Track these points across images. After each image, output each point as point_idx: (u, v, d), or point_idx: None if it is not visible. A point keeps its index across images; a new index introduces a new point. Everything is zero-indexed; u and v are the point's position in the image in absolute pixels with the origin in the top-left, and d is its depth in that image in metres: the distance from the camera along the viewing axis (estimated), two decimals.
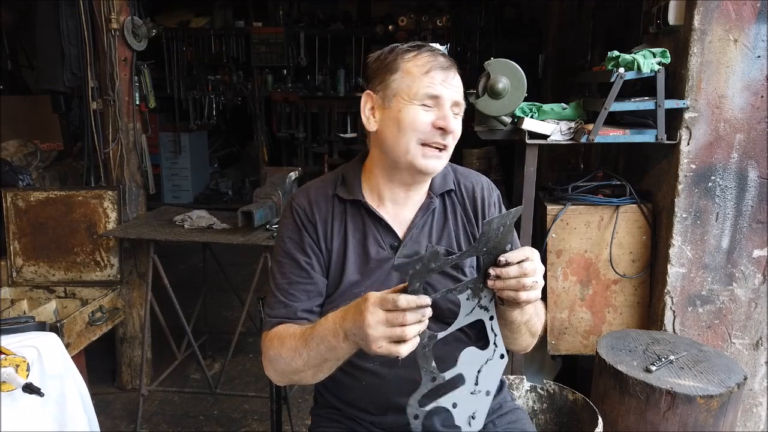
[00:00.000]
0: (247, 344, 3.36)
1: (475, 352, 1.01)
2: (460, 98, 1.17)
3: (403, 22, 6.17)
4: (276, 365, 1.13)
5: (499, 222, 0.95)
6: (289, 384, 1.23)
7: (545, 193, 2.36)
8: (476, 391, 1.00)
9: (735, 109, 2.03)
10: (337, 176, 1.27)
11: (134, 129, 2.81)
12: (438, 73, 1.13)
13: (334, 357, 1.04)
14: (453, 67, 1.17)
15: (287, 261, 1.20)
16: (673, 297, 2.16)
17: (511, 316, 1.09)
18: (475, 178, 1.32)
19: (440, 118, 1.13)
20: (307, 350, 1.06)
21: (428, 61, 1.14)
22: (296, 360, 1.08)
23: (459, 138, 1.18)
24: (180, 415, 2.72)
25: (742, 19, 1.97)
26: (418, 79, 1.13)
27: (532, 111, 2.14)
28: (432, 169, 1.17)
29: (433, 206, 1.24)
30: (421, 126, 1.13)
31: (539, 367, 2.61)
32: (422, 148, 1.14)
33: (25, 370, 1.63)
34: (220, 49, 6.23)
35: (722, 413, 1.67)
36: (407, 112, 1.13)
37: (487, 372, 1.01)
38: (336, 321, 1.00)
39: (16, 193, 2.72)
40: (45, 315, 2.49)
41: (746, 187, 2.08)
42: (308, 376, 1.12)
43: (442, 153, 1.16)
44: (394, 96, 1.15)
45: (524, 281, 0.97)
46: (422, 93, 1.12)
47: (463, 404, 0.99)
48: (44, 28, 2.85)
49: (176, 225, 2.62)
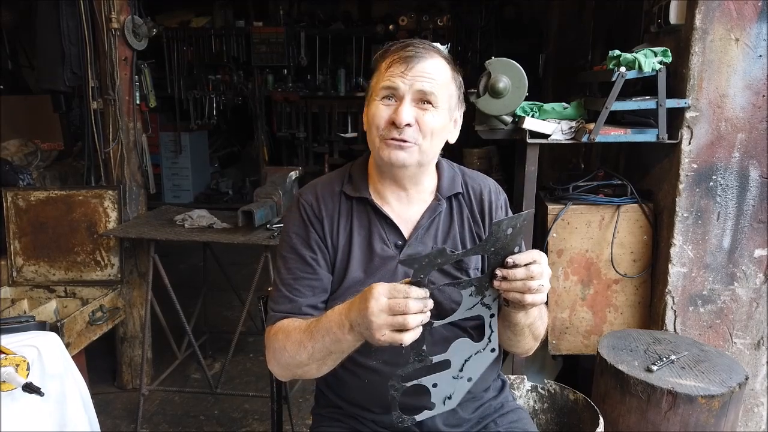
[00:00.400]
0: (247, 344, 3.35)
1: (467, 343, 1.04)
2: (427, 86, 1.11)
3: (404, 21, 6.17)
4: (280, 359, 1.13)
5: (509, 224, 0.96)
6: (292, 378, 1.23)
7: (546, 193, 2.35)
8: (459, 376, 1.04)
9: (736, 108, 2.03)
10: (345, 173, 1.28)
11: (135, 128, 2.81)
12: (398, 66, 1.11)
13: (339, 349, 1.05)
14: (421, 56, 1.11)
15: (292, 256, 1.20)
16: (674, 297, 2.15)
17: (515, 318, 1.09)
18: (482, 180, 1.31)
19: (393, 112, 1.12)
20: (312, 343, 1.06)
21: (392, 55, 1.13)
22: (301, 353, 1.08)
23: (437, 132, 1.14)
24: (180, 414, 2.72)
25: (744, 18, 1.97)
26: (381, 74, 1.14)
27: (533, 110, 2.14)
28: (399, 162, 1.14)
29: (441, 209, 1.24)
30: (378, 121, 1.13)
31: (540, 367, 2.61)
32: (384, 141, 1.14)
33: (25, 369, 1.63)
34: (220, 49, 6.22)
35: (723, 413, 1.66)
36: (371, 108, 1.16)
37: (474, 362, 1.04)
38: (342, 312, 1.01)
39: (16, 193, 2.72)
40: (45, 314, 2.49)
41: (747, 187, 2.08)
42: (312, 370, 1.11)
43: (408, 146, 1.13)
44: (371, 94, 1.17)
45: (530, 284, 0.97)
46: (379, 87, 1.13)
47: (443, 386, 1.03)
48: (44, 27, 2.85)
49: (177, 224, 2.61)
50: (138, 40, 2.75)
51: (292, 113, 6.42)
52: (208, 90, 6.32)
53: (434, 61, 1.13)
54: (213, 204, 5.82)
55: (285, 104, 6.36)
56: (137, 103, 2.83)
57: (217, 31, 6.18)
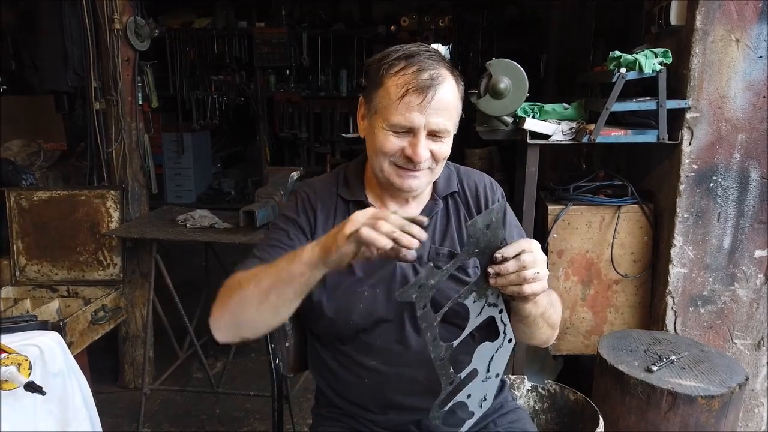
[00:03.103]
0: (248, 344, 3.36)
1: (488, 346, 1.04)
2: (442, 124, 1.09)
3: (405, 22, 6.18)
4: (223, 300, 1.07)
5: (484, 221, 0.94)
6: (233, 339, 1.11)
7: (546, 193, 2.36)
8: (487, 378, 1.04)
9: (737, 109, 2.03)
10: (338, 176, 1.28)
11: (137, 129, 2.82)
12: (414, 97, 1.07)
13: (287, 277, 0.98)
14: (436, 85, 1.08)
15: (275, 230, 1.21)
16: (674, 297, 2.16)
17: (525, 311, 1.07)
18: (477, 177, 1.31)
19: (410, 146, 1.10)
20: (264, 274, 1.02)
21: (406, 82, 1.07)
22: (245, 288, 1.02)
23: (447, 156, 1.15)
24: (182, 414, 2.73)
25: (744, 19, 1.97)
26: (393, 103, 1.08)
27: (533, 111, 2.14)
28: (410, 188, 1.14)
29: (437, 209, 1.23)
30: (391, 151, 1.11)
31: (540, 367, 2.61)
32: (396, 169, 1.13)
33: (27, 368, 1.63)
34: (222, 50, 6.25)
35: (723, 414, 1.67)
36: (380, 135, 1.12)
37: (497, 359, 1.04)
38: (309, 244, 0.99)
39: (19, 193, 2.73)
40: (48, 314, 2.50)
41: (748, 188, 2.08)
42: (251, 314, 1.04)
43: (421, 173, 1.13)
44: (375, 113, 1.13)
45: (524, 274, 0.95)
46: (394, 122, 1.09)
47: (476, 392, 1.03)
48: (47, 28, 2.86)
49: (179, 224, 2.62)
50: (140, 40, 2.76)
51: (294, 114, 6.44)
52: (211, 90, 6.34)
53: (446, 84, 1.10)
54: (215, 204, 5.82)
55: (287, 105, 6.38)
56: (140, 103, 2.84)
57: (220, 31, 6.20)
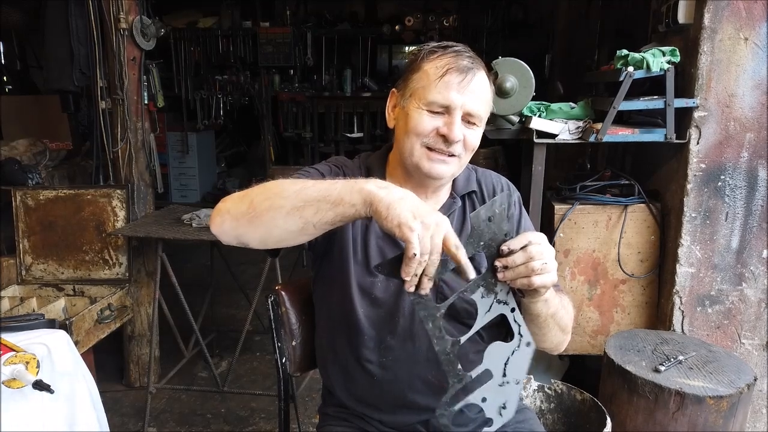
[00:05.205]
0: (254, 343, 3.36)
1: (500, 346, 1.00)
2: (477, 107, 1.11)
3: (410, 22, 6.18)
4: (253, 191, 0.98)
5: (486, 212, 0.93)
6: (233, 237, 1.01)
7: (553, 193, 2.35)
8: (504, 382, 0.99)
9: (745, 108, 2.02)
10: (360, 165, 1.27)
11: (143, 128, 2.82)
12: (454, 76, 1.09)
13: (336, 200, 0.91)
14: (475, 69, 1.11)
15: (301, 172, 1.21)
16: (681, 297, 2.15)
17: (536, 309, 1.06)
18: (495, 178, 1.31)
19: (445, 125, 1.10)
20: (313, 187, 0.93)
21: (447, 63, 1.10)
22: (286, 189, 0.95)
23: (475, 148, 1.14)
24: (188, 413, 2.73)
25: (753, 17, 1.96)
26: (432, 83, 1.10)
27: (540, 110, 2.13)
28: (438, 174, 1.14)
29: (455, 207, 1.23)
30: (425, 131, 1.11)
31: (547, 367, 2.60)
32: (427, 152, 1.12)
33: (35, 367, 1.64)
34: (227, 49, 6.26)
35: (732, 414, 1.66)
36: (414, 115, 1.12)
37: (514, 362, 1.00)
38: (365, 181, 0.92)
39: (25, 192, 2.74)
40: (54, 313, 2.51)
41: (756, 187, 2.07)
42: (277, 218, 0.94)
43: (451, 159, 1.13)
44: (410, 96, 1.14)
45: (532, 265, 0.94)
46: (431, 99, 1.09)
47: (492, 397, 0.99)
48: (53, 28, 2.87)
49: (184, 224, 2.62)
50: (146, 40, 2.76)
51: (298, 113, 6.44)
52: (215, 90, 6.35)
53: (482, 74, 1.12)
54: None
55: (291, 104, 6.38)
56: (145, 102, 2.84)
57: (225, 31, 6.21)
